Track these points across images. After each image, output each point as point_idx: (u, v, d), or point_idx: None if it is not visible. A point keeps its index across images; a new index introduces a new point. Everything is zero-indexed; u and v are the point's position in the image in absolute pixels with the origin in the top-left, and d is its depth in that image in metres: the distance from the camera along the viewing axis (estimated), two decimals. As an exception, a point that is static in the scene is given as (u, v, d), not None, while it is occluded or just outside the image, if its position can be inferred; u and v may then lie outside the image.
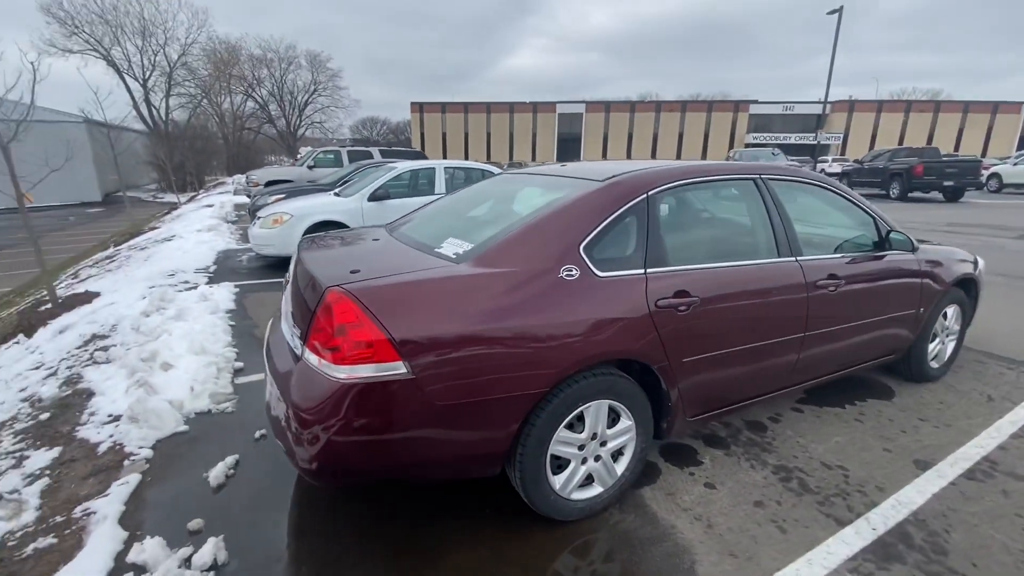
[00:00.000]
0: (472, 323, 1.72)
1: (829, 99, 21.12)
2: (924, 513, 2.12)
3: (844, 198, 2.82)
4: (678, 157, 49.06)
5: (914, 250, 2.97)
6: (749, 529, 2.04)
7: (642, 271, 2.04)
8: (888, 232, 2.83)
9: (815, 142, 22.26)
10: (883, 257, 2.80)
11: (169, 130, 34.81)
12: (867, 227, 2.87)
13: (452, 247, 2.07)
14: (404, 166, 7.18)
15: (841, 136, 49.34)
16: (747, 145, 46.42)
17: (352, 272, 1.82)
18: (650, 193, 2.17)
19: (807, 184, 2.75)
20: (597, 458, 2.09)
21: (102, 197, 26.63)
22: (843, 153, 44.23)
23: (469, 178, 7.54)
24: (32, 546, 1.98)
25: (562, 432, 1.95)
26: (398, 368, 1.63)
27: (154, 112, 36.52)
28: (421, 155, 15.15)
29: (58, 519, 2.12)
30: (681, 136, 53.08)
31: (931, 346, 3.24)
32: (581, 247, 1.96)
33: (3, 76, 5.31)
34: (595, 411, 2.00)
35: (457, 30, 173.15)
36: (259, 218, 6.66)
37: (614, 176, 2.23)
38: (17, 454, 2.61)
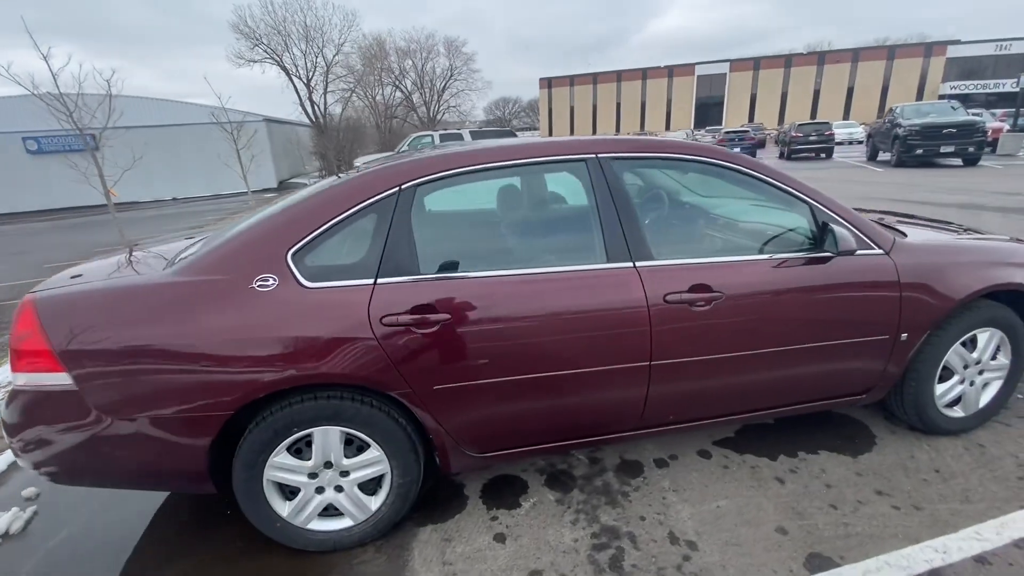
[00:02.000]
0: (150, 335, 1.60)
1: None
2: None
3: (760, 179, 2.03)
4: (845, 117, 41.35)
5: (888, 249, 2.03)
6: (489, 607, 1.63)
7: (370, 281, 1.70)
8: (825, 225, 1.95)
9: (1017, 88, 16.68)
10: (821, 260, 1.96)
11: (327, 123, 39.81)
12: (800, 219, 2.03)
13: (190, 252, 1.96)
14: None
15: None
16: (940, 97, 37.19)
17: (72, 278, 1.83)
18: (403, 187, 1.78)
19: (700, 162, 2.03)
20: (339, 488, 1.85)
21: (277, 184, 31.48)
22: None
23: None
24: None
25: (281, 457, 1.75)
26: (61, 379, 1.59)
27: (316, 108, 41.88)
28: (511, 133, 15.01)
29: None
30: (851, 91, 44.55)
31: (942, 387, 2.23)
32: (290, 253, 1.69)
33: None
34: (322, 438, 1.76)
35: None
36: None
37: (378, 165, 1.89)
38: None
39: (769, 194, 2.03)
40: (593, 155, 1.91)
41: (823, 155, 19.59)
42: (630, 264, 1.83)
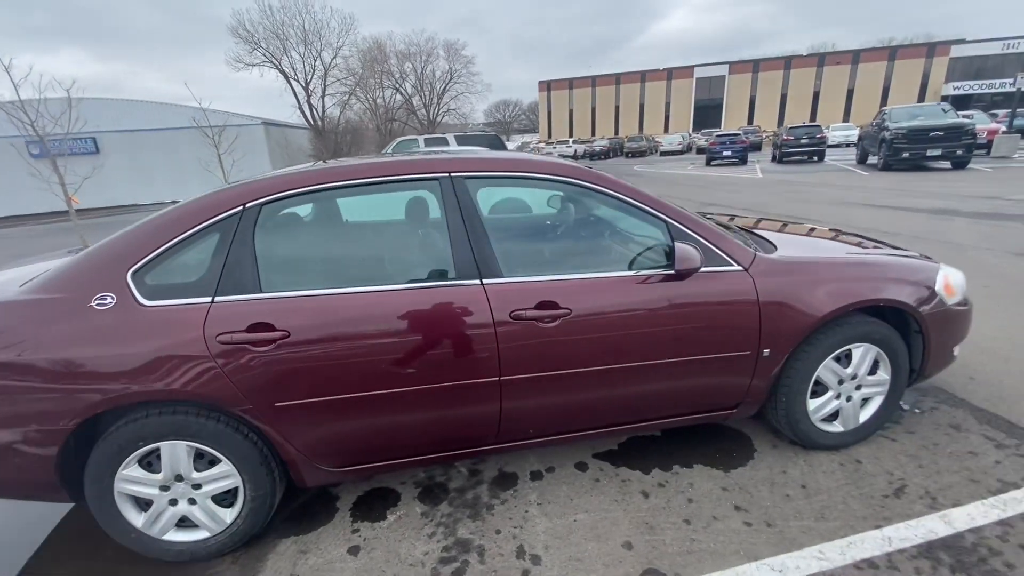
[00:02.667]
0: (-6, 350, 1.65)
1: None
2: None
3: (616, 197, 2.04)
4: (846, 119, 41.16)
5: (747, 264, 2.04)
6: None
7: (207, 300, 1.73)
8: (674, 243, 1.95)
9: (1015, 88, 16.50)
10: (676, 277, 1.96)
11: (324, 125, 40.15)
12: (656, 237, 2.04)
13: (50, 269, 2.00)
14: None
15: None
16: (943, 98, 36.92)
17: None
18: (248, 205, 1.81)
19: (557, 181, 2.05)
20: (192, 501, 1.88)
21: (271, 186, 31.42)
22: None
23: None
24: None
25: (131, 470, 1.78)
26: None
27: (314, 111, 42.16)
28: (497, 140, 15.05)
29: None
30: (851, 93, 44.35)
31: (815, 402, 2.23)
32: (130, 271, 1.73)
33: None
34: (170, 452, 1.79)
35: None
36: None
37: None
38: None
39: (628, 212, 2.04)
40: (446, 174, 1.93)
41: (815, 158, 19.52)
42: (477, 281, 1.85)
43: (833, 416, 2.29)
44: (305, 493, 2.26)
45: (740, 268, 2.03)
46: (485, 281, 1.86)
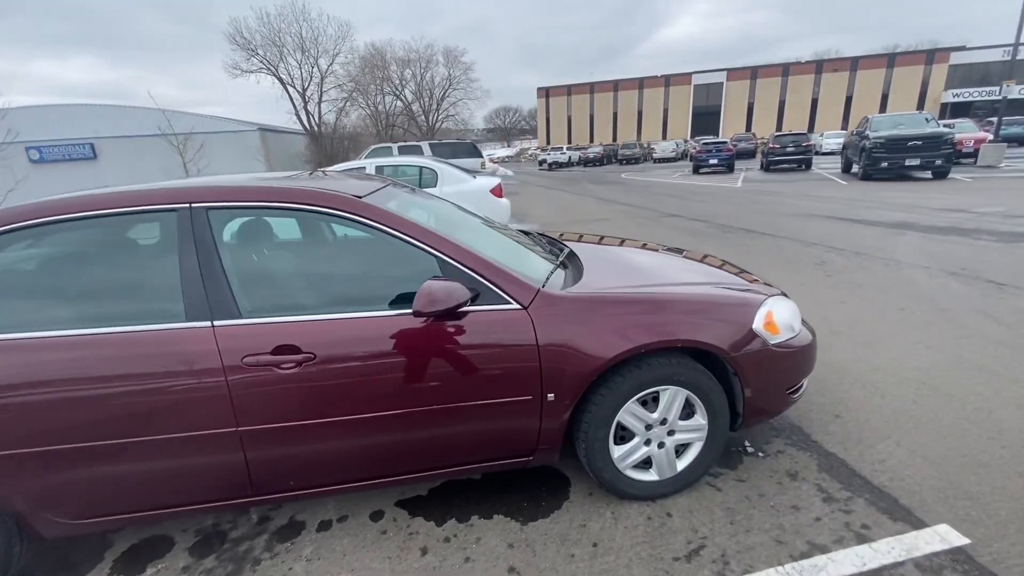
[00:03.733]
0: None
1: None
2: None
3: (385, 231, 1.86)
4: (844, 126, 40.80)
5: (526, 302, 1.87)
6: None
7: None
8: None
9: (1001, 96, 16.17)
10: (448, 316, 1.80)
11: (322, 131, 40.39)
12: (424, 273, 1.87)
13: None
14: (339, 167, 7.08)
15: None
16: (943, 105, 36.55)
17: None
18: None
19: (317, 212, 1.87)
20: (-94, 559, 1.73)
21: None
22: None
23: (404, 175, 7.15)
24: None
25: None
26: None
27: (311, 117, 42.38)
28: (473, 148, 14.97)
29: None
30: (850, 100, 44.01)
31: (621, 448, 2.06)
32: None
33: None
34: None
35: (608, 4, 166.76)
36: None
37: None
38: None
39: (397, 246, 1.88)
40: (186, 204, 1.79)
41: (803, 166, 19.29)
42: (208, 324, 1.70)
43: (647, 463, 2.11)
44: (76, 540, 2.11)
45: (518, 306, 1.86)
46: (217, 323, 1.70)
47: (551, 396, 1.90)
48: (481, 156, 14.91)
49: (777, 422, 2.63)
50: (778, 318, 2.13)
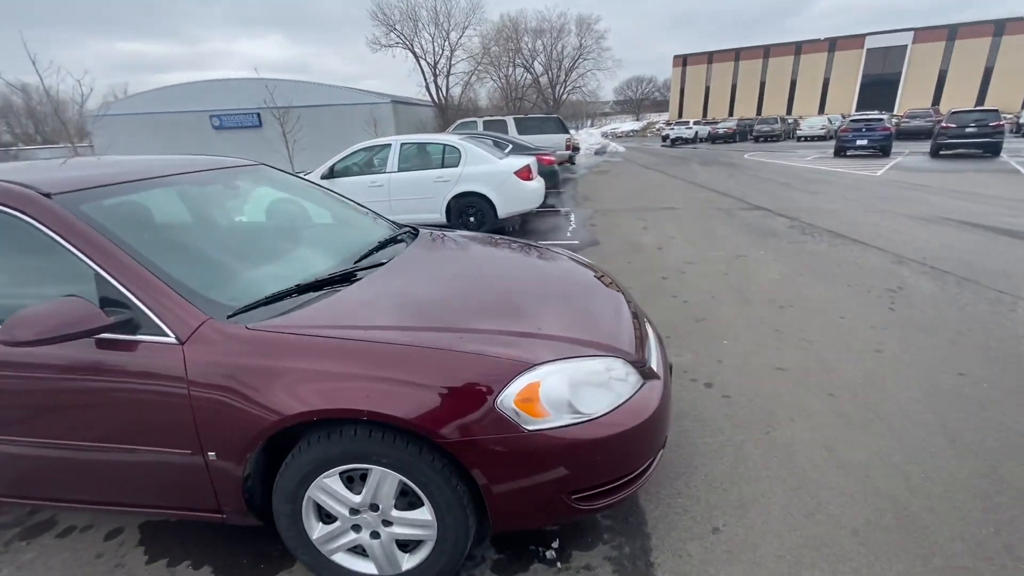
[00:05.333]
0: None
1: None
2: None
3: (54, 238, 1.57)
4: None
5: (185, 335, 1.48)
6: None
7: None
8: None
9: None
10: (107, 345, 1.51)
11: (447, 103, 42.08)
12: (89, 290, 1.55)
13: None
14: (363, 144, 7.05)
15: None
16: None
17: None
18: None
19: None
20: None
21: (394, 161, 33.87)
22: None
23: (427, 154, 6.88)
24: None
25: None
26: None
27: (439, 90, 44.19)
28: (560, 124, 14.18)
29: None
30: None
31: (325, 529, 1.61)
32: None
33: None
34: None
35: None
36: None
37: None
38: None
39: (63, 258, 1.59)
40: None
41: (987, 152, 15.12)
42: None
43: (364, 551, 1.65)
44: None
45: (173, 339, 1.50)
46: None
47: (212, 455, 1.53)
48: (567, 132, 14.09)
49: (620, 514, 1.94)
50: (548, 394, 1.48)
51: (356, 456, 1.49)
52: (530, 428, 1.46)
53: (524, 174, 6.65)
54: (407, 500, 1.56)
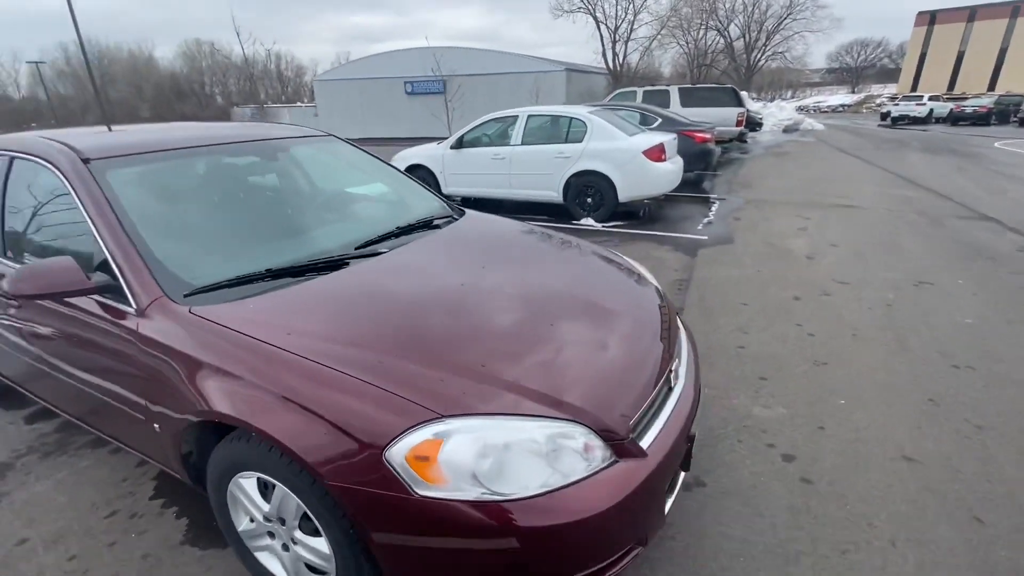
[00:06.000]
0: None
1: None
2: None
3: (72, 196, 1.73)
4: None
5: (141, 309, 1.49)
6: None
7: None
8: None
9: None
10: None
11: (622, 71, 40.28)
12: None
13: None
14: (494, 114, 6.89)
15: None
16: None
17: None
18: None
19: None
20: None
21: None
22: None
23: (553, 127, 6.45)
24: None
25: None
26: None
27: (616, 57, 42.26)
28: (734, 95, 12.35)
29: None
30: None
31: (247, 525, 1.55)
32: None
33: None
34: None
35: None
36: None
37: None
38: None
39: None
40: None
41: None
42: None
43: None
44: None
45: (133, 311, 1.54)
46: None
47: (156, 427, 1.57)
48: (741, 106, 12.22)
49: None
50: (449, 457, 1.18)
51: (262, 467, 1.38)
52: (421, 493, 1.17)
53: (655, 154, 5.91)
54: (312, 526, 1.42)
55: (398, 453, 1.18)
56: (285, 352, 1.35)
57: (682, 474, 1.66)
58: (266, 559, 1.60)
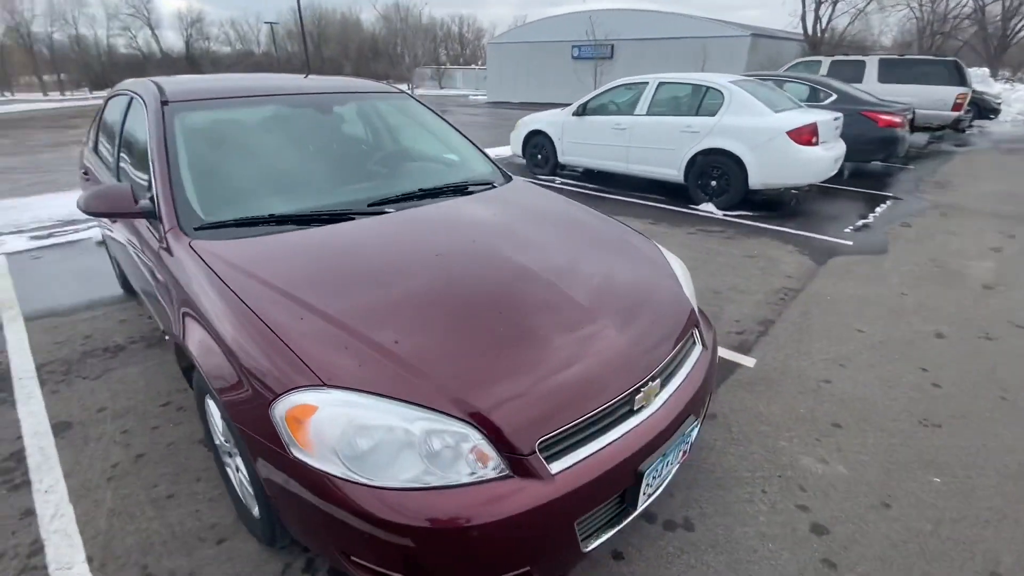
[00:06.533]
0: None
1: None
2: None
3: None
4: None
5: (163, 234, 1.69)
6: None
7: None
8: None
9: None
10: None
11: (822, 38, 34.45)
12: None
13: None
14: (621, 80, 6.33)
15: None
16: None
17: None
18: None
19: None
20: None
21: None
22: None
23: (685, 97, 5.71)
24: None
25: None
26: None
27: (819, 21, 36.02)
28: (955, 70, 9.69)
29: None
30: None
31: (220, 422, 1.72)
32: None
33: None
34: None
35: None
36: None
37: None
38: None
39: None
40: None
41: None
42: None
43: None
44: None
45: (158, 236, 1.78)
46: None
47: (167, 338, 1.81)
48: (964, 85, 9.56)
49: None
50: (318, 426, 1.15)
51: (211, 393, 1.51)
52: (295, 454, 1.17)
53: (804, 136, 4.96)
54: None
55: (281, 409, 1.18)
56: (229, 292, 1.43)
57: (632, 513, 1.42)
58: (232, 475, 1.78)
